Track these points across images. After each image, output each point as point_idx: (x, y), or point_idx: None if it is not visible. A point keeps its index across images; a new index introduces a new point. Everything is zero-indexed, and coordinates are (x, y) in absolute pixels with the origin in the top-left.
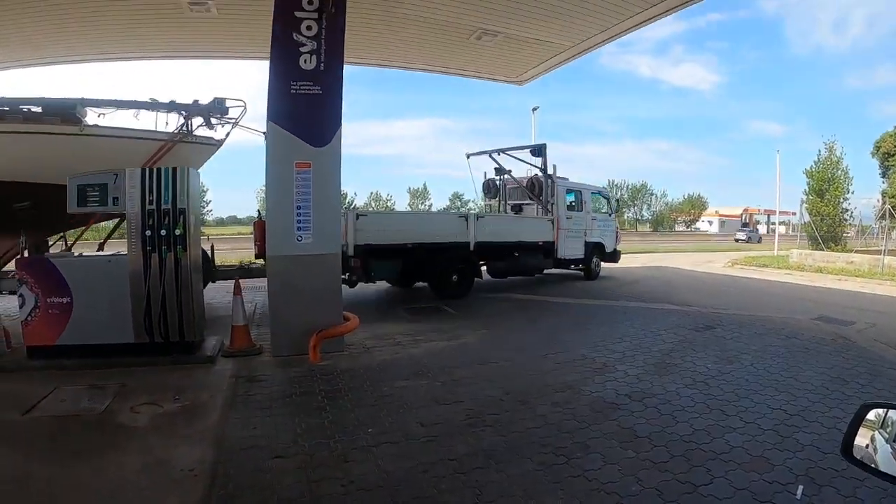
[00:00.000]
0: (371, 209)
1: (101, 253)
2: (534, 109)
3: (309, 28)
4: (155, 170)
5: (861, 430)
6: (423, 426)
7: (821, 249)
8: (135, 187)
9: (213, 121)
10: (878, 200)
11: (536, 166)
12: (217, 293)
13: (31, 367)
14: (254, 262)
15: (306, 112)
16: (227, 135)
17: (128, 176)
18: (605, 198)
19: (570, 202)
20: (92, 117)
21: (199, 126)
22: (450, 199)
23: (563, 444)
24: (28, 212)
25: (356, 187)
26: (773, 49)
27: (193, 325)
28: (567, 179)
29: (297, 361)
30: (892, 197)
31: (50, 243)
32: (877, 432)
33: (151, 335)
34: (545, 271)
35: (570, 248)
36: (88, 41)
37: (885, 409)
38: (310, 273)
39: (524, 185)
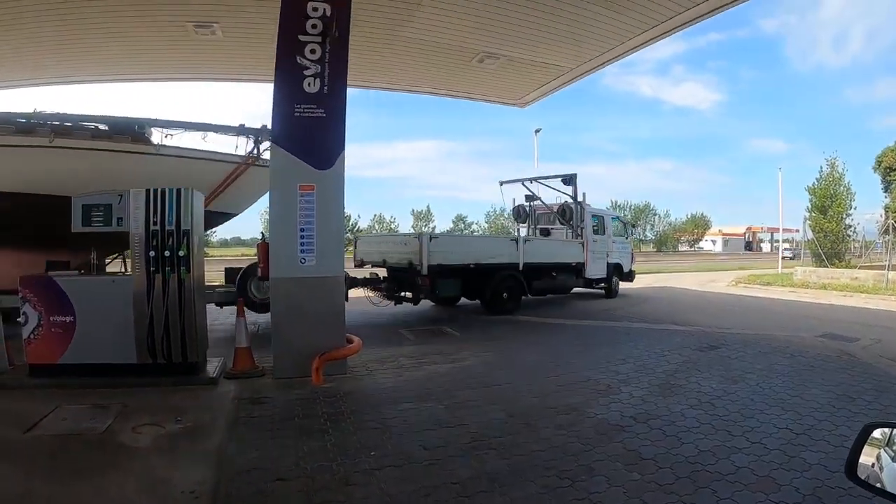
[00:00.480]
0: (443, 233)
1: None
2: (536, 131)
3: (313, 51)
4: (159, 191)
5: (866, 450)
6: (426, 449)
7: (825, 266)
8: (139, 208)
9: None
10: (881, 215)
11: (567, 194)
12: (220, 314)
13: (33, 385)
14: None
15: (310, 135)
16: None
17: (132, 196)
18: (623, 222)
19: (594, 226)
20: (157, 137)
21: (265, 150)
22: (453, 222)
23: (568, 467)
24: None
25: (359, 209)
26: (773, 67)
27: (196, 346)
28: (590, 206)
29: (299, 384)
30: (895, 212)
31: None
32: (882, 451)
33: (154, 356)
34: (571, 290)
35: (596, 269)
36: (95, 62)
37: (891, 428)
38: (313, 295)
39: (555, 210)
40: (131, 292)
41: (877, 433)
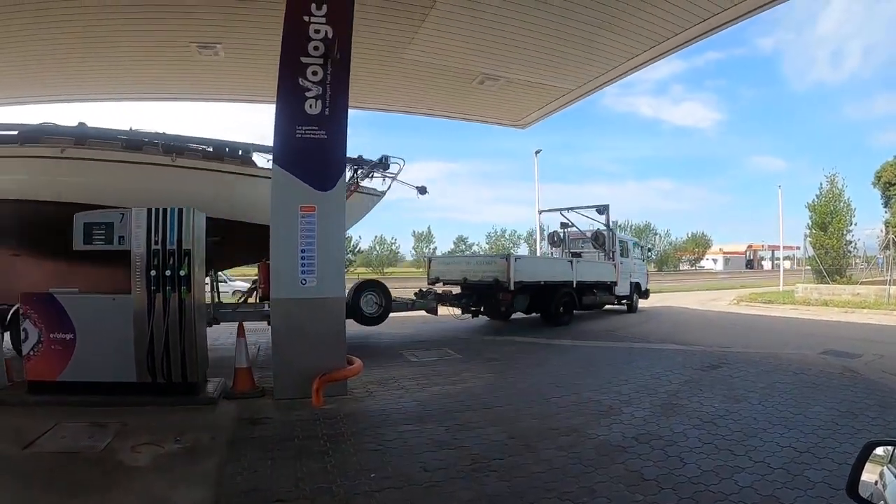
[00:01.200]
0: (522, 255)
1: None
2: (536, 152)
3: (314, 73)
4: (161, 210)
5: (869, 467)
6: (426, 471)
7: (826, 283)
8: (140, 227)
9: (376, 174)
10: (881, 231)
11: (600, 222)
12: (221, 334)
13: (33, 402)
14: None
15: (311, 156)
16: (389, 187)
17: (134, 215)
18: (640, 247)
19: (619, 250)
20: (260, 161)
21: (363, 178)
22: (454, 243)
23: (569, 489)
24: (217, 246)
25: (360, 231)
26: (772, 84)
27: (196, 366)
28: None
29: (299, 405)
30: (895, 226)
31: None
32: (886, 468)
33: (154, 375)
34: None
35: (623, 287)
36: (99, 81)
37: (893, 446)
38: (313, 316)
39: (590, 236)
40: (132, 311)
41: (879, 451)
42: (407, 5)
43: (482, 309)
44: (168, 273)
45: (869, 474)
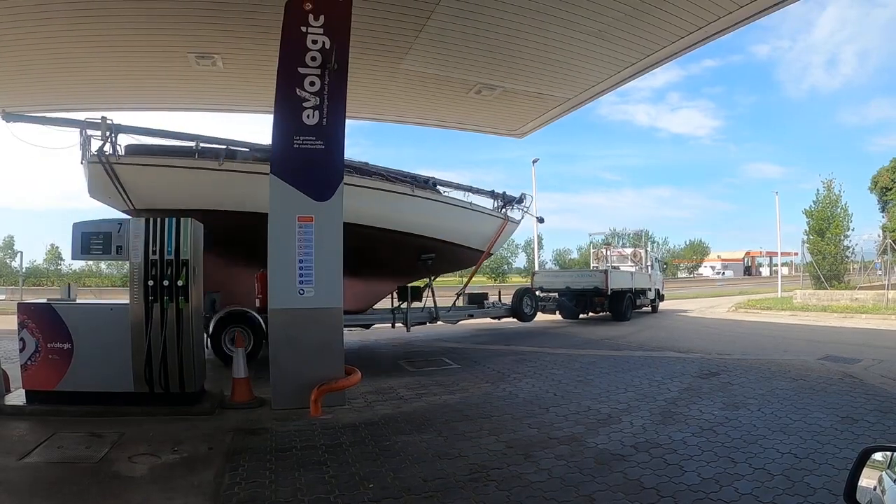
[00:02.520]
0: (615, 269)
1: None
2: (534, 161)
3: (312, 84)
4: (158, 220)
5: (867, 472)
6: (425, 481)
7: (824, 288)
8: (138, 237)
9: (516, 207)
10: (878, 235)
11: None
12: None
13: (30, 411)
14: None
15: (309, 166)
16: (522, 217)
17: (132, 225)
18: (659, 261)
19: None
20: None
21: (501, 208)
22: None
23: (568, 498)
24: (429, 261)
25: None
26: (768, 91)
27: (194, 376)
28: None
29: (297, 415)
30: (893, 231)
31: None
32: (884, 473)
33: (151, 385)
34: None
35: (652, 293)
36: (97, 90)
37: (891, 451)
38: (311, 326)
39: (629, 254)
40: (129, 321)
41: (878, 456)
42: (404, 16)
43: (580, 308)
44: (166, 283)
45: (868, 480)
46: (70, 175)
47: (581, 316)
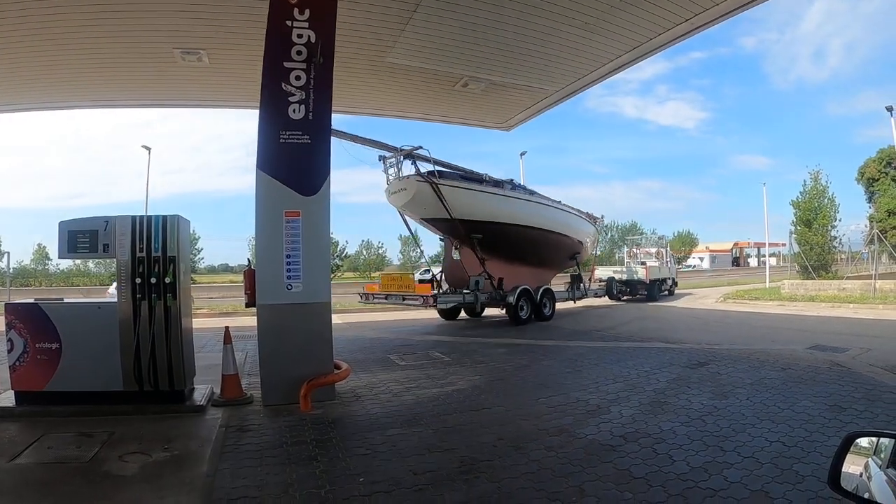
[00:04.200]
0: (653, 263)
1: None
2: (522, 154)
3: (298, 78)
4: (145, 218)
5: (854, 459)
6: (415, 474)
7: (812, 278)
8: (125, 234)
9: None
10: (865, 226)
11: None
12: (208, 342)
13: (19, 413)
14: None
15: (295, 161)
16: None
17: (118, 223)
18: (674, 257)
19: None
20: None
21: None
22: (441, 246)
23: (558, 489)
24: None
25: (347, 235)
26: (756, 83)
27: (183, 374)
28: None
29: (287, 410)
30: (880, 221)
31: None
32: (870, 459)
33: (140, 383)
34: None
35: (669, 282)
36: (81, 88)
37: (873, 437)
38: (300, 321)
39: (654, 252)
40: (117, 319)
41: (864, 442)
42: (389, 9)
43: (624, 294)
44: (153, 280)
45: (854, 466)
46: (57, 175)
47: (624, 298)
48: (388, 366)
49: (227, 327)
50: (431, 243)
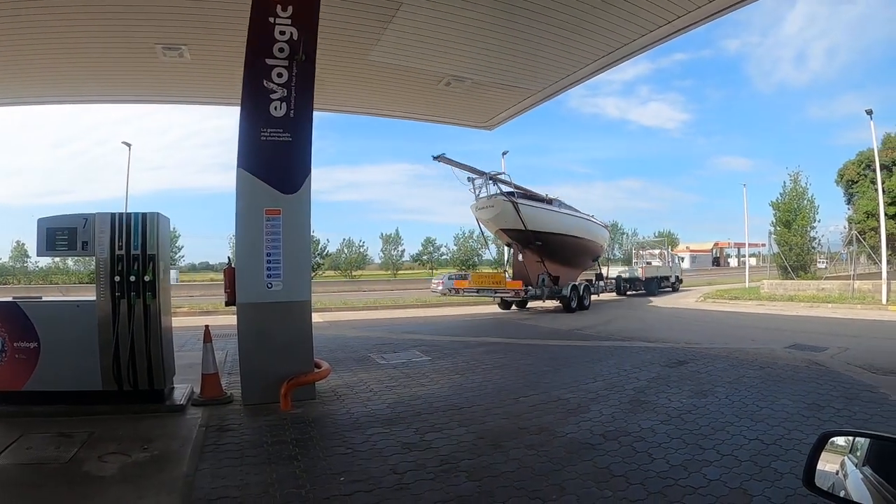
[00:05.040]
0: (675, 264)
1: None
2: (503, 154)
3: (280, 75)
4: (125, 215)
5: (831, 458)
6: (395, 473)
7: (791, 278)
8: (104, 232)
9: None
10: (844, 227)
11: (661, 246)
12: (188, 341)
13: None
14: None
15: (276, 159)
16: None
17: (98, 220)
18: (676, 257)
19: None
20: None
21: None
22: (422, 245)
23: (538, 487)
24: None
25: (327, 233)
26: (738, 85)
27: (162, 373)
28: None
29: (267, 410)
30: (858, 223)
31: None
32: (846, 458)
33: (120, 383)
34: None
35: (672, 279)
36: (60, 83)
37: (847, 436)
38: (280, 320)
39: (657, 253)
40: (96, 318)
41: (840, 441)
42: (372, 7)
43: (629, 289)
44: (132, 279)
45: (830, 465)
46: (35, 171)
47: (630, 293)
48: (369, 365)
49: (207, 326)
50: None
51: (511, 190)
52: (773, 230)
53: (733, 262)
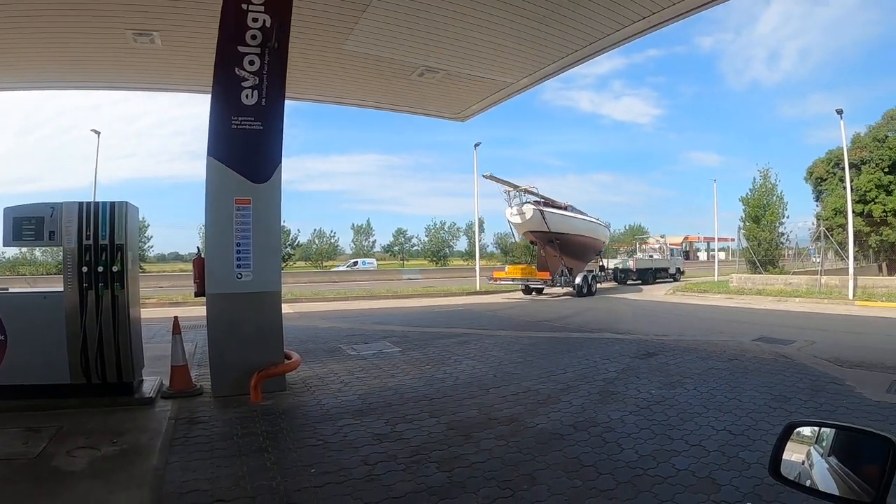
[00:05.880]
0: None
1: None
2: (476, 145)
3: (251, 63)
4: (92, 204)
5: (795, 447)
6: (366, 464)
7: (759, 273)
8: (71, 221)
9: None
10: (812, 223)
11: (663, 242)
12: (157, 332)
13: None
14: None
15: (247, 148)
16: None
17: (65, 210)
18: (676, 250)
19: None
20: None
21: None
22: (393, 235)
23: (509, 477)
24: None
25: (298, 224)
26: (710, 82)
27: (131, 366)
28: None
29: (237, 402)
30: (826, 219)
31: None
32: (812, 448)
33: (88, 376)
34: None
35: (672, 270)
36: (27, 69)
37: (814, 427)
38: (250, 311)
39: (657, 248)
40: (63, 310)
41: (806, 431)
42: None
43: (623, 278)
44: (100, 269)
45: (797, 455)
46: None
47: (629, 282)
48: (339, 356)
49: (176, 317)
50: (384, 233)
51: (538, 199)
52: (743, 225)
53: (703, 255)
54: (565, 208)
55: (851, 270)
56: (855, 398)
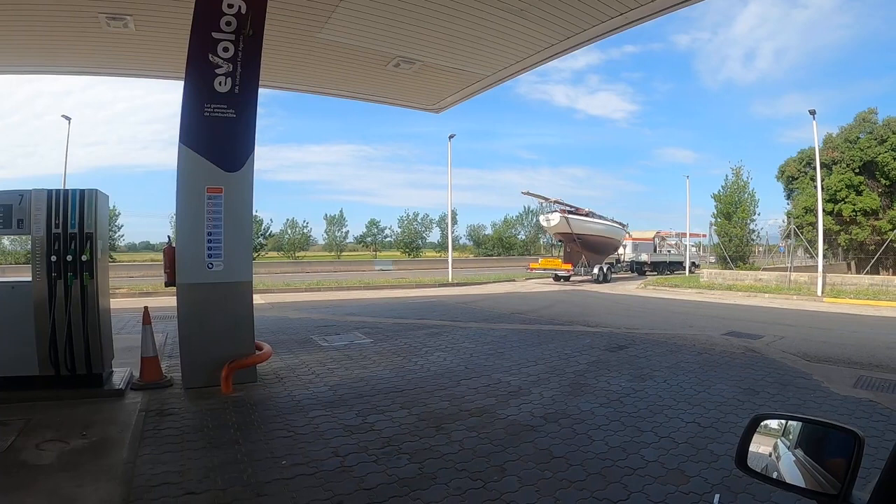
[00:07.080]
0: (681, 252)
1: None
2: (450, 137)
3: (226, 49)
4: (62, 192)
5: (762, 440)
6: (338, 456)
7: (730, 268)
8: (40, 210)
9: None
10: (783, 221)
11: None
12: (127, 323)
13: None
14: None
15: (219, 136)
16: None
17: (34, 197)
18: (690, 245)
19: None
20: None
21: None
22: (366, 227)
23: (480, 468)
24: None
25: (271, 213)
26: (686, 80)
27: (101, 357)
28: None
29: (208, 393)
30: (797, 217)
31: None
32: (779, 440)
33: (57, 367)
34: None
35: (686, 263)
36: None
37: (780, 419)
38: (221, 302)
39: (673, 242)
40: (32, 300)
41: (773, 424)
42: None
43: (640, 270)
44: (69, 258)
45: (763, 447)
46: None
47: (647, 272)
48: (311, 347)
49: (146, 307)
50: (357, 223)
51: (564, 207)
52: (714, 221)
53: (674, 251)
54: (586, 214)
55: (821, 268)
56: (822, 392)
